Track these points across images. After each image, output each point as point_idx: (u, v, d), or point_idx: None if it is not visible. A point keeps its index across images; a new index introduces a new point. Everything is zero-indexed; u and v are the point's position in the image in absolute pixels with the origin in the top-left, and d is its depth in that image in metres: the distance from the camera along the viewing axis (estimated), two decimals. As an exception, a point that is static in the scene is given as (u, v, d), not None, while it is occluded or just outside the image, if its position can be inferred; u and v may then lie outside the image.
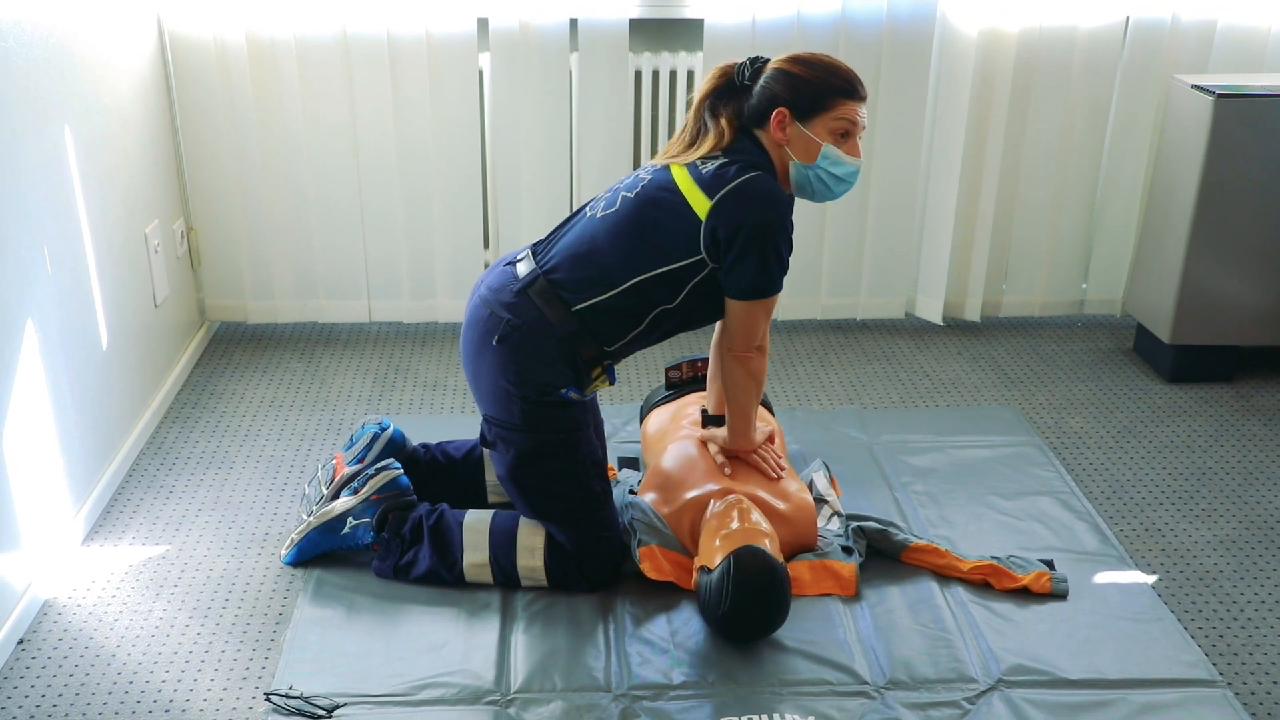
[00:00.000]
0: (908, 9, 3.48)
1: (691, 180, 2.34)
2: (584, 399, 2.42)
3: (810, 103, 2.34)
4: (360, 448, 2.66)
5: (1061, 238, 3.79)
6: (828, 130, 2.35)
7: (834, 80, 2.35)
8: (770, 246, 2.32)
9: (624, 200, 2.40)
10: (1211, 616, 2.48)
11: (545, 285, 2.38)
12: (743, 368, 2.49)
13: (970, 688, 2.24)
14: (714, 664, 2.29)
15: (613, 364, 2.46)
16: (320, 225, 3.61)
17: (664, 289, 2.36)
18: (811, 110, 2.34)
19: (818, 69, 2.36)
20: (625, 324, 2.39)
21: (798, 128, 2.35)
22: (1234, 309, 3.41)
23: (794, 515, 2.54)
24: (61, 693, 2.20)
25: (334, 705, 2.16)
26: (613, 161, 3.59)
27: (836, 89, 2.34)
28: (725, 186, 2.30)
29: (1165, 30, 3.55)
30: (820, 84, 2.34)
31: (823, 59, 2.38)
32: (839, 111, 2.34)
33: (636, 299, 2.36)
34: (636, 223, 2.36)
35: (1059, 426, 3.24)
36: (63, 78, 2.69)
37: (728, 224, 2.29)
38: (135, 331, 3.08)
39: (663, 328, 2.43)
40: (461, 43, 3.43)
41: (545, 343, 2.36)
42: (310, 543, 2.55)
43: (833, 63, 2.37)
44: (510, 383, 2.37)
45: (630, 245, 2.35)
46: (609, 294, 2.36)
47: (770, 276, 2.35)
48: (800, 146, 2.36)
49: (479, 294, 2.47)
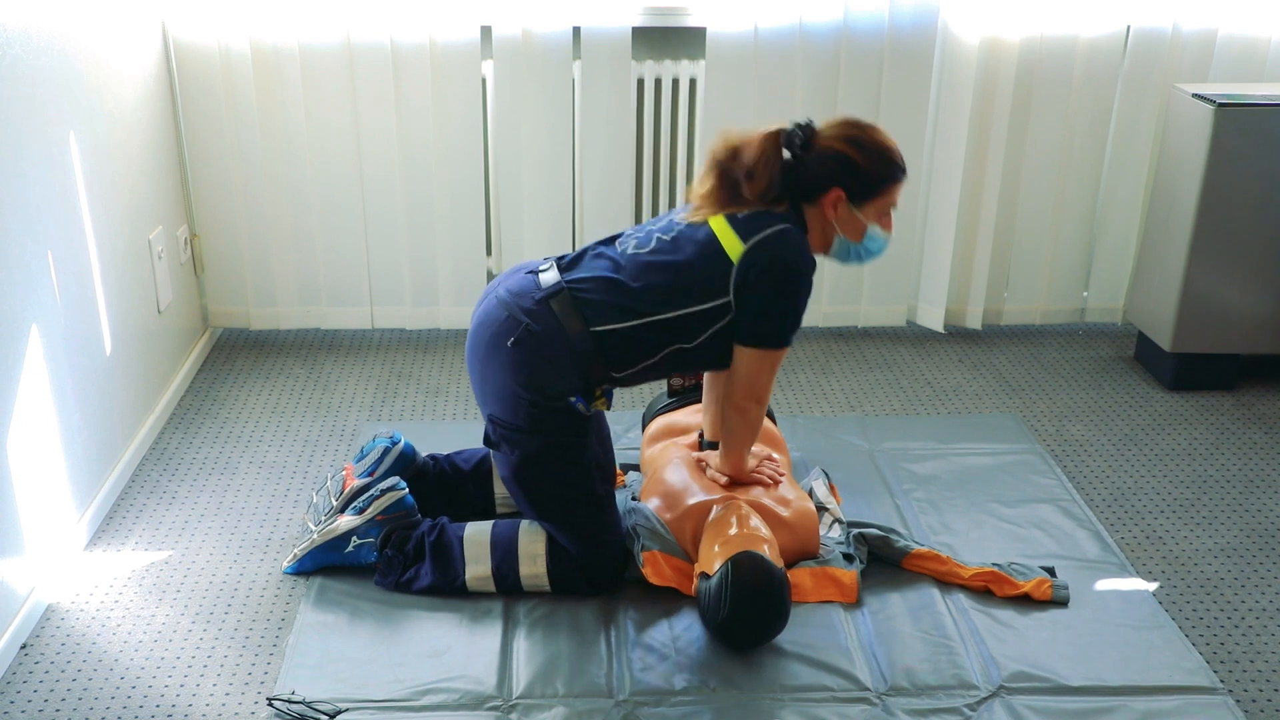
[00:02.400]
0: (909, 18, 3.50)
1: (727, 223, 2.38)
2: (588, 412, 2.43)
3: (868, 190, 2.40)
4: (371, 461, 2.67)
5: (1063, 246, 3.80)
6: (875, 212, 2.43)
7: (891, 170, 2.41)
8: (790, 297, 2.37)
9: (659, 241, 2.43)
10: (1212, 624, 2.49)
11: (569, 299, 2.39)
12: (740, 417, 2.51)
13: (971, 694, 2.24)
14: (715, 670, 2.29)
15: (612, 390, 2.48)
16: (323, 232, 3.62)
17: (686, 329, 2.39)
18: (866, 196, 2.41)
19: (876, 157, 2.40)
20: (639, 354, 2.41)
21: (849, 209, 2.41)
22: (1235, 317, 3.42)
23: (796, 522, 2.54)
24: (64, 697, 2.21)
25: (336, 710, 2.16)
26: (615, 169, 3.60)
27: (893, 178, 2.41)
28: (761, 232, 2.34)
29: (1166, 39, 3.56)
30: (879, 174, 2.40)
31: (880, 143, 2.41)
32: (889, 198, 2.43)
33: (656, 334, 2.39)
34: (669, 262, 2.39)
35: (1060, 434, 3.25)
36: (68, 84, 2.70)
37: (758, 265, 2.33)
38: (138, 337, 3.09)
39: (674, 365, 2.45)
40: (464, 50, 3.44)
41: (559, 352, 2.37)
42: (313, 559, 2.55)
43: (889, 148, 2.42)
44: (520, 385, 2.38)
45: (661, 283, 2.38)
46: (630, 323, 2.37)
47: (783, 326, 2.40)
48: (849, 226, 2.43)
49: (496, 295, 2.48)
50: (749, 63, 3.50)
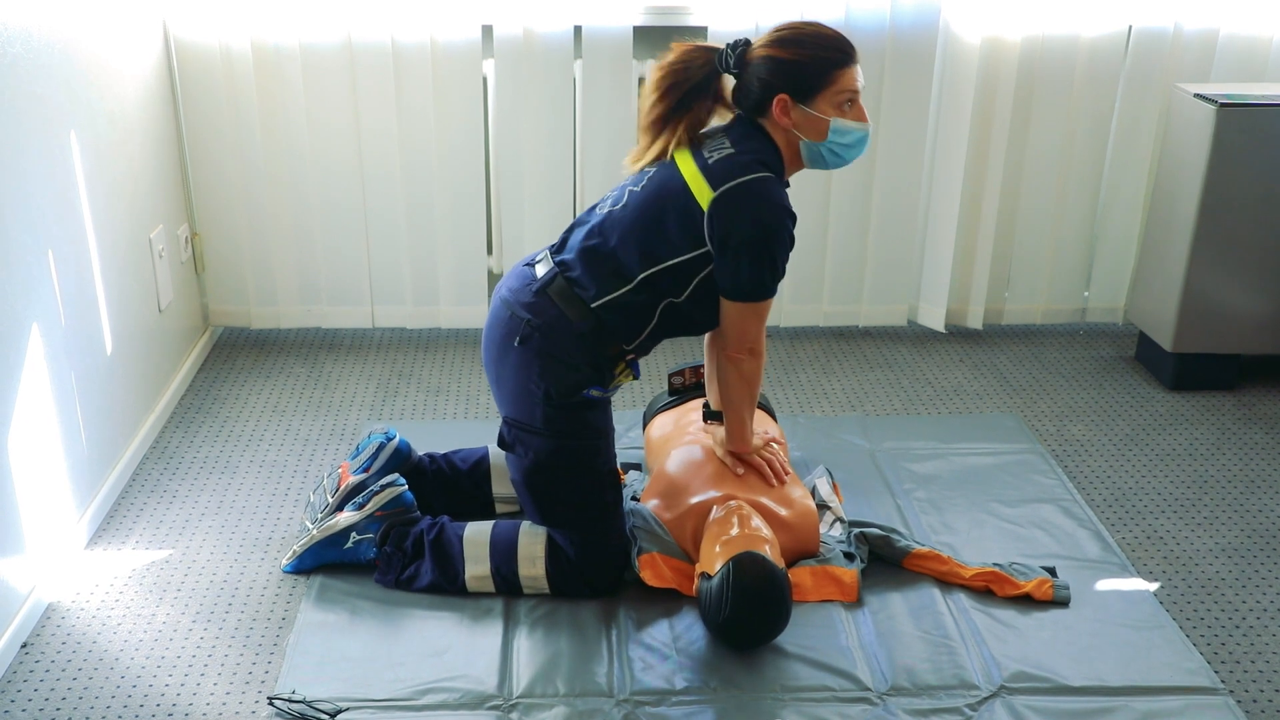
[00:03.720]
0: (911, 17, 3.49)
1: (696, 168, 2.32)
2: (607, 395, 2.42)
3: (808, 84, 2.30)
4: (365, 457, 2.67)
5: (1064, 246, 3.79)
6: (831, 105, 2.31)
7: (826, 54, 2.30)
8: (764, 252, 2.30)
9: (631, 195, 2.39)
10: (1214, 624, 2.49)
11: (563, 284, 2.37)
12: (735, 368, 2.48)
13: (972, 694, 2.24)
14: (716, 670, 2.29)
15: (637, 359, 2.46)
16: (324, 231, 3.62)
17: (673, 282, 2.35)
18: (811, 90, 2.30)
19: (806, 47, 2.30)
20: (638, 319, 2.38)
21: (801, 110, 2.32)
22: (1236, 317, 3.42)
23: (796, 521, 2.54)
24: (65, 696, 2.21)
25: (337, 710, 2.16)
26: (616, 169, 3.55)
27: (831, 62, 2.30)
28: (730, 181, 2.28)
29: (1168, 39, 3.56)
30: (814, 62, 2.30)
31: (806, 31, 2.32)
32: (838, 85, 2.31)
33: (646, 293, 2.36)
34: (644, 216, 2.35)
35: (1061, 434, 3.25)
36: (69, 83, 2.70)
37: (724, 221, 2.28)
38: (139, 336, 3.09)
39: (672, 321, 2.40)
40: (465, 50, 3.44)
41: (566, 342, 2.36)
42: (312, 555, 2.55)
43: (818, 33, 2.32)
44: (533, 384, 2.37)
45: (640, 239, 2.34)
46: (623, 289, 2.35)
47: (761, 282, 2.34)
48: (808, 127, 2.33)
49: (500, 295, 2.47)
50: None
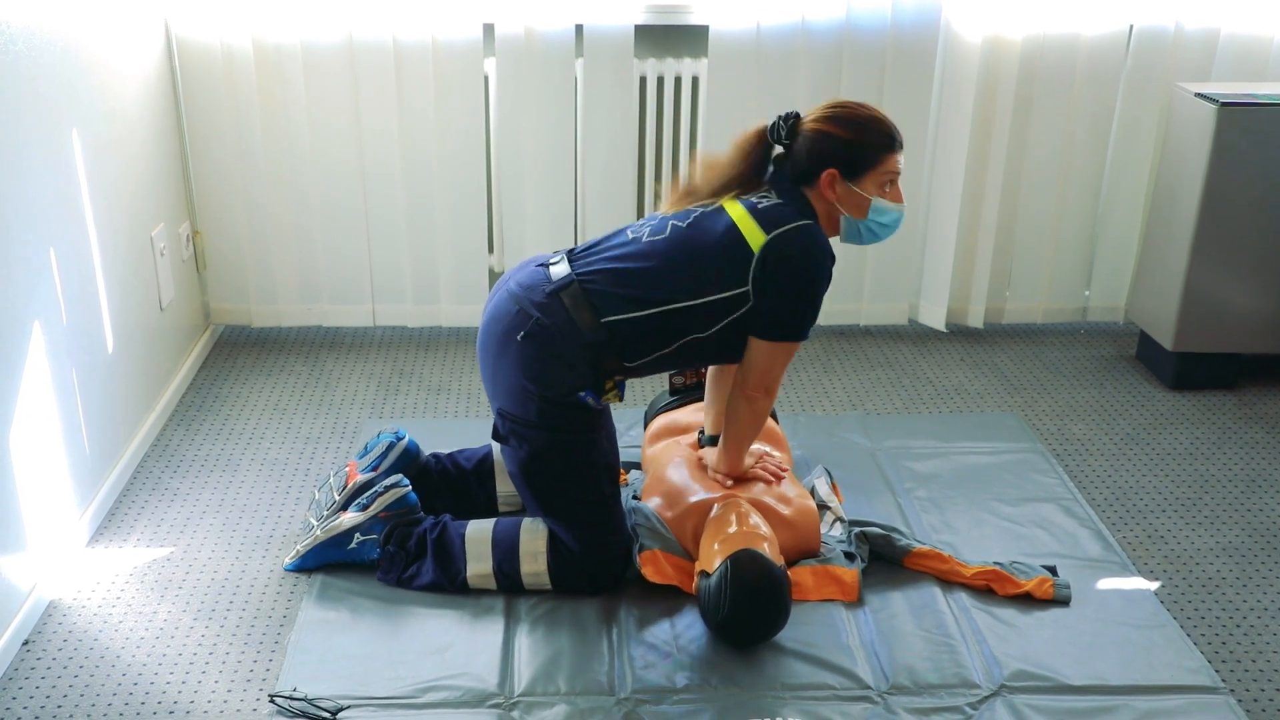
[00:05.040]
0: (911, 16, 3.49)
1: (745, 210, 2.38)
2: (600, 406, 2.43)
3: (859, 163, 2.39)
4: (374, 456, 2.68)
5: (1064, 245, 3.80)
6: (875, 184, 2.41)
7: (876, 139, 2.40)
8: (810, 292, 2.39)
9: (674, 228, 2.42)
10: (1214, 623, 2.49)
11: (579, 291, 2.38)
12: (748, 405, 2.51)
13: (973, 693, 2.24)
14: (717, 668, 2.29)
15: (624, 380, 2.47)
16: (325, 230, 3.62)
17: (701, 318, 2.38)
18: (860, 169, 2.40)
19: (860, 129, 2.39)
20: (652, 344, 2.40)
21: (847, 186, 2.40)
22: (1236, 316, 3.42)
23: (797, 520, 2.55)
24: (66, 694, 2.21)
25: (338, 708, 2.16)
26: (617, 167, 3.60)
27: (883, 147, 2.40)
28: (783, 226, 2.35)
29: (1168, 38, 3.56)
30: (864, 145, 2.39)
31: (860, 115, 2.41)
32: (885, 167, 2.40)
33: (670, 323, 2.38)
34: (687, 250, 2.38)
35: (1061, 433, 3.25)
36: (70, 82, 2.70)
37: (779, 258, 2.33)
38: (140, 334, 3.09)
39: (687, 355, 2.45)
40: (467, 48, 3.44)
41: (570, 346, 2.37)
42: (315, 555, 2.56)
43: (873, 118, 2.41)
44: (530, 379, 2.37)
45: (678, 271, 2.37)
46: (643, 313, 2.37)
47: (803, 323, 2.41)
48: (850, 202, 2.42)
49: (506, 288, 2.48)
50: (751, 61, 3.49)
